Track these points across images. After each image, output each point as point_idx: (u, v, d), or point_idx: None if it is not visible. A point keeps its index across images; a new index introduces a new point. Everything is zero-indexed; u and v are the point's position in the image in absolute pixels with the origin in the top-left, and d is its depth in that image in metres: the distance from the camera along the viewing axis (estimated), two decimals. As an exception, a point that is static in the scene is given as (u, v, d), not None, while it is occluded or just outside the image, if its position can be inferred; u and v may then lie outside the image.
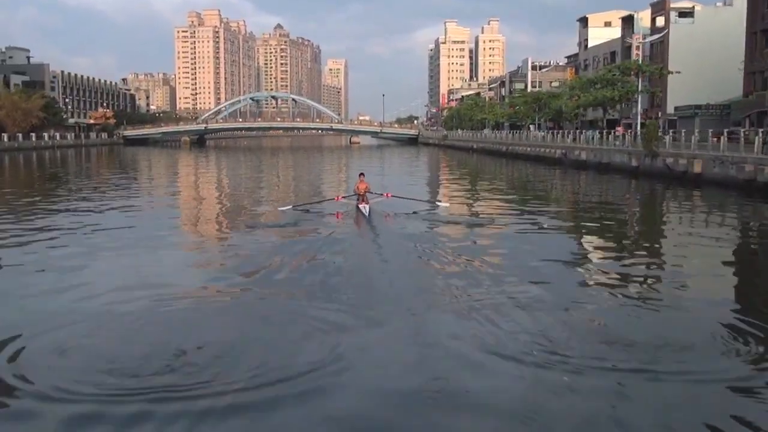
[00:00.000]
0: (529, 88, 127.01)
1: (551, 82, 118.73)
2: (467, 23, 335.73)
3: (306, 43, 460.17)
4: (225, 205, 29.08)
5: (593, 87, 67.83)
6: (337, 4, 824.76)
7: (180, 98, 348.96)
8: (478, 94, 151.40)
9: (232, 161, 73.69)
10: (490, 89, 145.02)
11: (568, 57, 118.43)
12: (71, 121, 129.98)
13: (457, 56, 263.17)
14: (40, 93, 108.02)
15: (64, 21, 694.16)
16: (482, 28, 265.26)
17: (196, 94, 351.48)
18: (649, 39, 73.34)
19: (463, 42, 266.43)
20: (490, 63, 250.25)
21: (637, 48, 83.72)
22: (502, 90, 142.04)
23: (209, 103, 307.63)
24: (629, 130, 61.84)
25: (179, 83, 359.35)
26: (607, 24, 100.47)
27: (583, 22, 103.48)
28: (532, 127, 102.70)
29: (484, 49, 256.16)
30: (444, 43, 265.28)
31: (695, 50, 72.52)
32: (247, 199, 30.04)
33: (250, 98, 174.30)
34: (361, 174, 22.24)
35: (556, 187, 38.25)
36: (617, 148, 41.99)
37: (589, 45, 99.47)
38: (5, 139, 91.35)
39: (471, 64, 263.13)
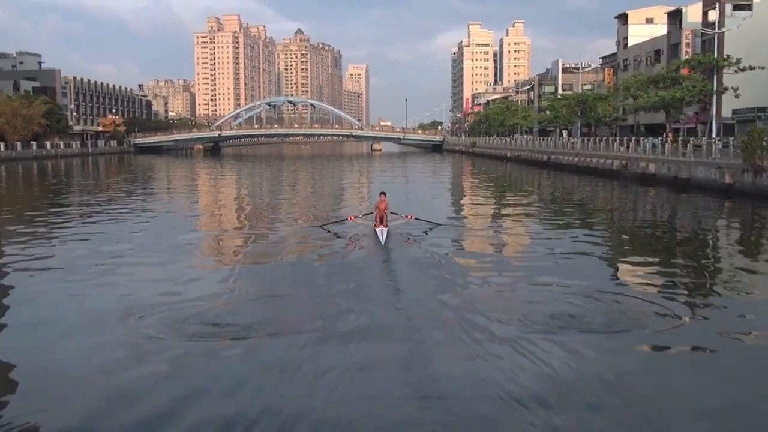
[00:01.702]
0: (560, 91, 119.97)
1: (583, 85, 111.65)
2: (491, 26, 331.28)
3: (326, 48, 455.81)
4: (227, 229, 24.88)
5: (653, 86, 60.04)
6: (358, 10, 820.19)
7: (199, 104, 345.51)
8: (505, 98, 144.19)
9: (245, 173, 67.10)
10: (520, 92, 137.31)
11: (604, 57, 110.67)
12: (78, 128, 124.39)
13: (481, 59, 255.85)
14: (42, 99, 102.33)
15: (88, 29, 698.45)
16: (507, 30, 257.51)
17: (216, 100, 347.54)
18: (701, 30, 65.60)
19: (487, 45, 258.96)
20: (515, 66, 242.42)
21: (687, 45, 76.51)
22: (531, 94, 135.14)
23: (228, 109, 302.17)
24: (680, 137, 54.54)
25: (199, 89, 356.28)
26: (649, 21, 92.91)
27: (622, 19, 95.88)
28: (564, 132, 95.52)
29: (509, 51, 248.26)
30: (467, 46, 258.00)
31: (753, 46, 64.97)
32: (256, 219, 26.95)
33: (267, 104, 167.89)
34: (382, 193, 19.82)
35: (619, 208, 31.50)
36: (702, 161, 33.95)
37: (630, 43, 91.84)
38: (2, 148, 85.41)
39: (495, 67, 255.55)
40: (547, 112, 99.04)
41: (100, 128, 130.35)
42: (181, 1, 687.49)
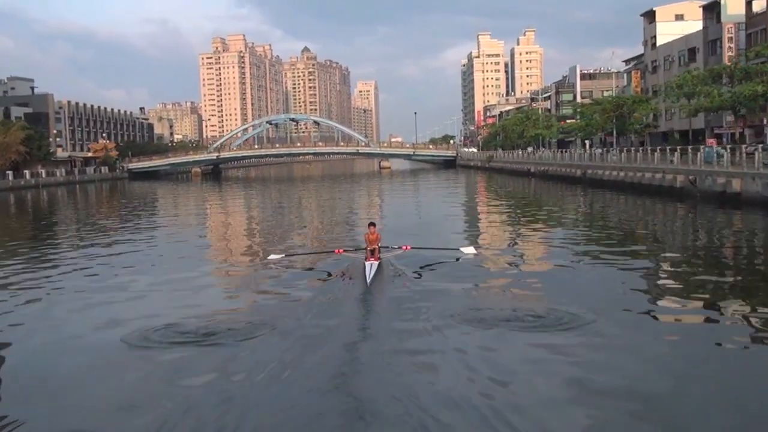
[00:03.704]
0: (579, 99, 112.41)
1: (605, 91, 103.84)
2: (501, 36, 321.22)
3: (334, 66, 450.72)
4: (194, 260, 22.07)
5: (718, 82, 51.63)
6: (365, 27, 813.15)
7: (206, 126, 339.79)
8: (519, 108, 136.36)
9: (233, 201, 59.44)
10: (541, 99, 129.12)
11: (628, 61, 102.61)
12: (64, 154, 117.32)
13: (492, 70, 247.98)
14: (20, 124, 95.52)
15: (98, 56, 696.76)
16: (518, 39, 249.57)
17: (223, 121, 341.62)
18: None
19: (498, 55, 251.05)
20: (527, 76, 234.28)
21: (729, 40, 68.43)
22: (548, 103, 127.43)
23: (245, 130, 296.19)
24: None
25: (205, 111, 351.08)
26: (679, 17, 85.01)
27: (649, 17, 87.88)
28: (587, 143, 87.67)
29: (521, 61, 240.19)
30: (478, 57, 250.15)
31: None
32: (230, 252, 24.88)
33: (267, 122, 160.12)
34: (371, 224, 17.62)
35: (696, 238, 23.18)
36: None
37: (659, 43, 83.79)
38: (-34, 179, 78.13)
39: (507, 78, 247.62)
40: (572, 120, 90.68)
41: (90, 154, 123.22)
42: (188, 25, 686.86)
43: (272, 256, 19.03)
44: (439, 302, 13.44)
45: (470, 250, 19.43)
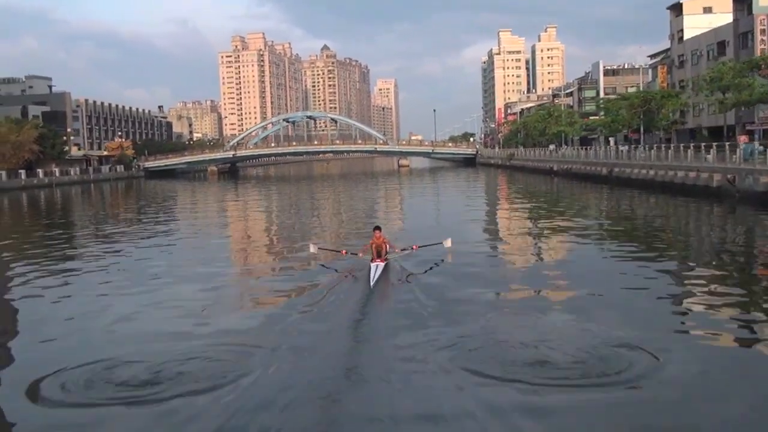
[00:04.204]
0: (602, 95, 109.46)
1: (629, 87, 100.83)
2: (522, 33, 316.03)
3: (354, 64, 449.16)
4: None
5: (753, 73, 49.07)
6: (385, 25, 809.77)
7: (226, 125, 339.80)
8: (541, 105, 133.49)
9: (251, 204, 57.73)
10: (563, 95, 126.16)
11: (653, 56, 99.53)
12: (79, 153, 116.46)
13: (512, 67, 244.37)
14: (33, 123, 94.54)
15: (121, 56, 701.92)
16: (539, 36, 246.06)
17: (242, 119, 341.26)
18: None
19: (518, 52, 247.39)
20: (548, 73, 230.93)
21: (762, 32, 65.56)
22: (570, 99, 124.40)
23: (262, 127, 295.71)
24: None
25: (225, 109, 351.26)
26: (707, 10, 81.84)
27: (676, 10, 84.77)
28: (611, 140, 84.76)
29: (542, 58, 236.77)
30: (498, 54, 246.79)
31: None
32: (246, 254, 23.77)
33: (285, 120, 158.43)
34: (377, 228, 16.84)
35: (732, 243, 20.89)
36: None
37: (686, 36, 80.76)
38: (-23, 179, 77.08)
39: (528, 75, 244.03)
40: (595, 116, 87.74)
41: (105, 152, 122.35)
42: (209, 25, 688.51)
43: (313, 246, 18.89)
44: (446, 318, 11.97)
45: (448, 242, 18.63)
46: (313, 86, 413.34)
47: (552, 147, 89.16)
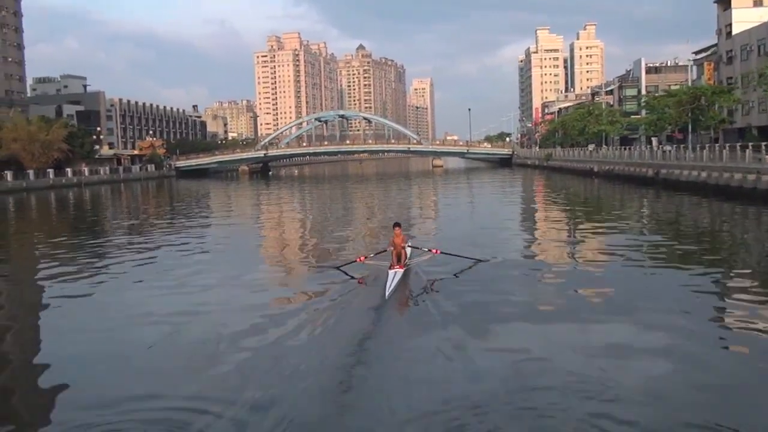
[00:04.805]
0: (643, 93, 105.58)
1: (670, 85, 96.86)
2: (560, 32, 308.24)
3: (389, 64, 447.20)
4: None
5: None
6: (421, 25, 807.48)
7: (261, 124, 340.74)
8: (580, 104, 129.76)
9: (279, 206, 55.96)
10: (604, 93, 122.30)
11: (697, 52, 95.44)
12: (109, 152, 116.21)
13: (550, 66, 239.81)
14: (62, 121, 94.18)
15: (159, 56, 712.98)
16: (577, 34, 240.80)
17: (277, 119, 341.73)
18: None
19: (556, 50, 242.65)
20: (587, 72, 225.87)
21: (820, 25, 61.76)
22: (610, 98, 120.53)
23: (293, 127, 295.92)
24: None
25: (260, 109, 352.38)
26: (758, 3, 77.91)
27: (724, 3, 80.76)
28: (654, 140, 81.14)
29: (581, 56, 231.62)
30: (536, 52, 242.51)
31: None
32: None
33: (317, 119, 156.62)
34: (397, 225, 15.87)
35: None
36: None
37: (734, 31, 76.83)
38: (8, 177, 76.28)
39: (566, 74, 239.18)
40: (636, 116, 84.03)
41: (136, 152, 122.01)
42: (246, 25, 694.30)
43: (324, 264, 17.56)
44: (465, 345, 10.33)
45: (488, 259, 17.33)
46: (349, 86, 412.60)
47: (591, 147, 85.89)
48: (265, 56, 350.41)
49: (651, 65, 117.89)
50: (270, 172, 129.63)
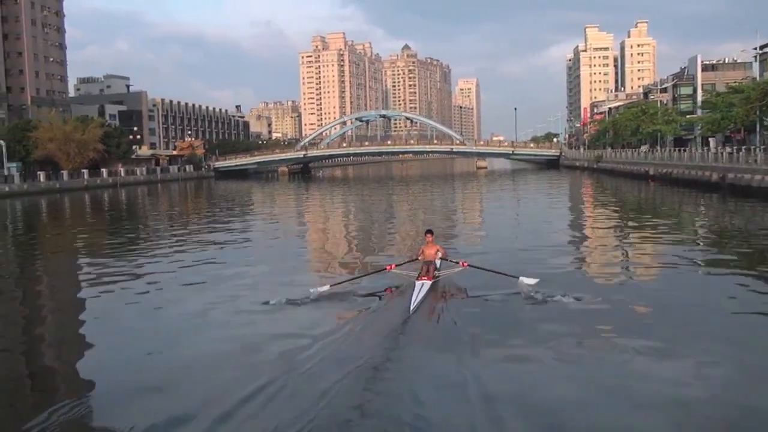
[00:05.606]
0: (699, 92, 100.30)
1: (728, 83, 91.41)
2: (609, 30, 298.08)
3: (435, 64, 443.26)
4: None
5: None
6: (467, 26, 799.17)
7: (306, 124, 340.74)
8: (631, 104, 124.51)
9: (315, 210, 53.50)
10: (658, 91, 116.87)
11: (762, 47, 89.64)
12: (147, 152, 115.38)
13: (600, 65, 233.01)
14: (98, 121, 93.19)
15: (207, 58, 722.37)
16: (628, 32, 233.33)
17: (322, 119, 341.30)
18: None
19: (606, 49, 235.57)
20: (638, 71, 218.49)
21: None
22: (664, 97, 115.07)
23: (335, 128, 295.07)
24: None
25: (305, 109, 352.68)
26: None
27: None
28: (711, 141, 76.22)
29: (632, 54, 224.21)
30: (584, 51, 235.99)
31: None
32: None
33: (357, 119, 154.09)
34: (429, 232, 15.83)
35: None
36: None
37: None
38: (41, 178, 75.25)
39: (616, 73, 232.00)
40: (693, 114, 79.24)
41: (175, 152, 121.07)
42: (293, 26, 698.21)
43: (318, 288, 15.28)
44: (495, 371, 9.64)
45: (531, 281, 15.04)
46: (393, 86, 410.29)
47: (644, 148, 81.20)
48: (310, 56, 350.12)
49: (707, 62, 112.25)
50: (310, 173, 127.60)
